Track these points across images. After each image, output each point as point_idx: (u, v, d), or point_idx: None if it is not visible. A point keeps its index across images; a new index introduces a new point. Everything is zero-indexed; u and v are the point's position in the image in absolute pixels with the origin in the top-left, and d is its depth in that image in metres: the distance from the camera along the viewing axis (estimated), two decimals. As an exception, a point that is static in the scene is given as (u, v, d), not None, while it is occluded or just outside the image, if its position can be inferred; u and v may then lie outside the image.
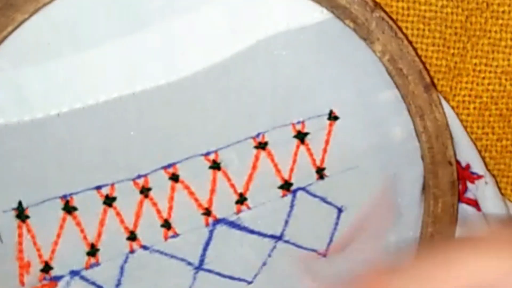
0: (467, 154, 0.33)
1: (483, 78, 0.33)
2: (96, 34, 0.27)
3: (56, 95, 0.27)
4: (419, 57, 0.30)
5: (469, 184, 0.33)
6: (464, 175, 0.33)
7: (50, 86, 0.27)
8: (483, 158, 0.34)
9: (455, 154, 0.32)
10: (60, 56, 0.27)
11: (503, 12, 0.32)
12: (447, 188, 0.32)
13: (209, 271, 0.30)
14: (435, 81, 0.33)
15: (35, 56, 0.27)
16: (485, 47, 0.33)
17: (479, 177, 0.33)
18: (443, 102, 0.32)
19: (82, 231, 0.28)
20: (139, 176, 0.29)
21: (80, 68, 0.27)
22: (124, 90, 0.28)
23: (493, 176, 0.34)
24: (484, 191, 0.33)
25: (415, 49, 0.31)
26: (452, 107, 0.33)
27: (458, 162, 0.33)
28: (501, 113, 0.34)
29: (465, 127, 0.34)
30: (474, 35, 0.32)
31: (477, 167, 0.33)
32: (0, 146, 0.27)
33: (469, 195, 0.33)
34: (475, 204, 0.33)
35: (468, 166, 0.33)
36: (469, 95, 0.34)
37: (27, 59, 0.27)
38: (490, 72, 0.33)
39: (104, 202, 0.29)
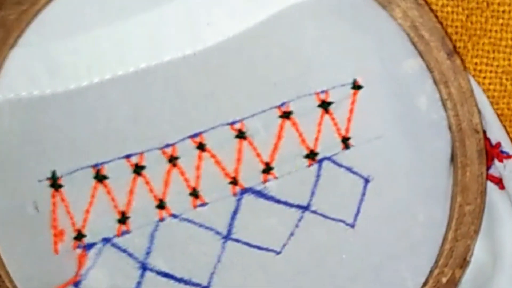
0: (497, 133, 0.33)
1: (484, 77, 0.33)
2: (123, 7, 0.28)
3: (87, 67, 0.29)
4: (441, 23, 0.31)
5: (496, 162, 0.33)
6: (493, 152, 0.33)
7: (81, 58, 0.29)
8: None
9: (485, 132, 0.32)
10: (90, 29, 0.28)
11: (504, 11, 0.33)
12: (474, 156, 0.32)
13: (237, 240, 0.31)
14: None
15: (66, 30, 0.28)
16: (486, 47, 0.33)
17: (509, 156, 0.33)
18: (471, 78, 0.32)
19: (112, 199, 0.29)
20: (167, 145, 0.30)
21: (109, 40, 0.29)
22: (152, 60, 0.29)
23: None
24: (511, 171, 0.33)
25: (436, 16, 0.31)
26: None
27: (488, 140, 0.33)
28: (502, 113, 0.34)
29: None
30: (475, 34, 0.33)
31: (507, 146, 0.33)
32: (35, 117, 0.29)
33: (493, 172, 0.33)
34: (498, 181, 0.33)
35: (498, 145, 0.33)
36: None
37: (59, 32, 0.28)
38: (491, 71, 0.33)
39: (134, 171, 0.30)
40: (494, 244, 0.33)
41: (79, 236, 0.29)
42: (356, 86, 0.31)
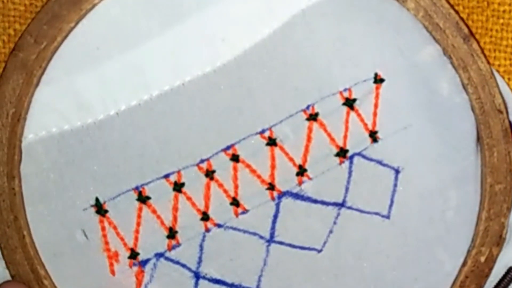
0: None
1: None
2: (139, 32, 0.30)
3: (113, 95, 0.30)
4: (454, 8, 0.32)
5: None
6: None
7: (105, 88, 0.30)
8: None
9: (504, 103, 0.33)
10: (110, 58, 0.30)
11: (504, 11, 0.34)
12: (500, 136, 0.33)
13: (281, 243, 0.32)
14: None
15: (87, 62, 0.30)
16: (487, 46, 0.34)
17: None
18: (494, 71, 0.33)
19: (158, 217, 0.31)
20: (202, 161, 0.31)
21: (130, 67, 0.30)
22: (174, 82, 0.30)
23: None
24: None
25: (448, 2, 0.32)
26: None
27: (510, 123, 0.33)
28: None
29: None
30: (476, 33, 0.33)
31: None
32: (69, 150, 0.30)
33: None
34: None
35: None
36: None
37: (80, 65, 0.30)
38: None
39: (174, 189, 0.31)
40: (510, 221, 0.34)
41: (133, 254, 0.31)
42: (378, 80, 0.32)
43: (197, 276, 0.31)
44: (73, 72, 0.30)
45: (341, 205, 0.33)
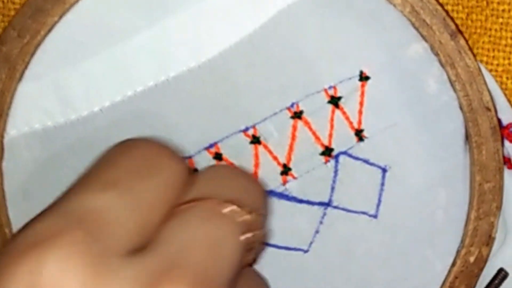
0: (508, 113, 0.33)
1: None
2: (124, 28, 0.30)
3: (97, 92, 0.30)
4: (441, 5, 0.32)
5: (506, 142, 0.34)
6: (504, 133, 0.34)
7: (89, 84, 0.30)
8: None
9: (492, 100, 0.33)
10: (94, 54, 0.30)
11: (503, 10, 0.34)
12: (488, 134, 0.33)
13: (265, 244, 0.32)
14: None
15: (70, 57, 0.29)
16: (486, 45, 0.34)
17: (520, 136, 0.34)
18: (482, 68, 0.33)
19: None
20: (184, 159, 0.31)
21: (115, 62, 0.30)
22: (159, 77, 0.30)
23: None
24: None
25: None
26: None
27: (499, 120, 0.33)
28: None
29: None
30: (475, 33, 0.33)
31: None
32: (52, 147, 0.30)
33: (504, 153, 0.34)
34: (507, 161, 0.34)
35: (510, 125, 0.34)
36: None
37: (63, 60, 0.29)
38: (491, 70, 0.35)
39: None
40: (506, 222, 0.34)
41: None
42: (364, 78, 0.32)
43: None
44: (57, 68, 0.30)
45: (327, 204, 0.32)
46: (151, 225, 0.23)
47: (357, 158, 0.32)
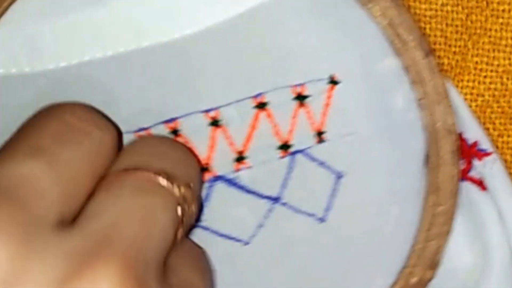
0: (474, 131, 0.34)
1: (485, 77, 0.34)
2: None
3: (66, 48, 0.30)
4: (418, 24, 0.32)
5: (475, 162, 0.34)
6: (471, 152, 0.34)
7: (60, 39, 0.30)
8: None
9: (461, 133, 0.33)
10: (70, 12, 0.30)
11: (503, 11, 0.34)
12: (448, 157, 0.33)
13: (206, 228, 0.32)
14: None
15: (47, 11, 0.30)
16: (486, 46, 0.34)
17: (488, 154, 0.34)
18: (446, 79, 0.33)
19: None
20: (140, 129, 0.31)
21: (89, 23, 0.30)
22: (130, 45, 0.30)
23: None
24: (492, 168, 0.34)
25: (415, 18, 0.32)
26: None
27: (464, 140, 0.34)
28: (503, 111, 0.35)
29: None
30: (475, 33, 0.34)
31: (486, 144, 0.34)
32: (11, 94, 0.30)
33: (473, 174, 0.34)
34: (479, 183, 0.34)
35: (476, 143, 0.34)
36: (471, 93, 0.35)
37: (40, 13, 0.30)
38: (491, 71, 0.34)
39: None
40: (482, 248, 0.34)
41: None
42: (333, 81, 0.32)
43: None
44: (32, 18, 0.30)
45: (276, 200, 0.32)
46: (80, 195, 0.22)
47: (313, 159, 0.32)
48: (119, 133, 0.25)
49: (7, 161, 0.22)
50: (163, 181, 0.24)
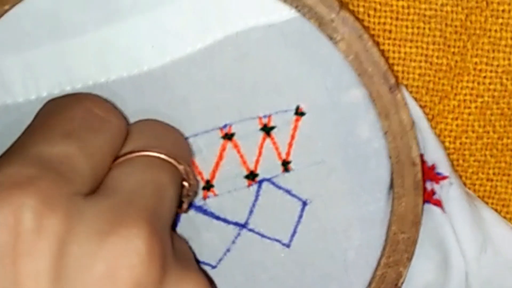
0: (433, 154, 0.35)
1: (484, 77, 0.35)
2: (74, 25, 0.31)
3: (35, 81, 0.31)
4: (386, 58, 0.33)
5: (434, 185, 0.35)
6: (429, 175, 0.35)
7: (29, 72, 0.31)
8: (484, 156, 0.35)
9: (422, 155, 0.34)
10: (39, 46, 0.31)
11: (503, 11, 0.34)
12: (411, 188, 0.34)
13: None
14: (436, 79, 0.35)
15: (15, 44, 0.31)
16: (485, 46, 0.34)
17: (444, 177, 0.35)
18: (413, 102, 0.34)
19: None
20: None
21: (58, 57, 0.31)
22: (99, 78, 0.31)
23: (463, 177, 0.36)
24: (448, 191, 0.35)
25: (382, 51, 0.33)
26: (454, 106, 0.35)
27: (424, 162, 0.34)
28: (502, 112, 0.35)
29: (467, 126, 0.35)
30: (475, 34, 0.34)
31: (443, 167, 0.35)
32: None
33: (437, 196, 0.35)
34: (441, 205, 0.35)
35: (433, 167, 0.35)
36: (471, 94, 0.35)
37: (8, 47, 0.31)
38: (491, 71, 0.35)
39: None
40: (442, 266, 0.35)
41: None
42: (299, 113, 0.33)
43: None
44: (1, 53, 0.31)
45: (243, 226, 0.34)
46: (102, 172, 0.27)
47: (279, 187, 0.34)
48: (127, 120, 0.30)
49: (46, 142, 0.26)
50: (169, 159, 0.27)
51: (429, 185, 0.35)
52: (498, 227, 0.35)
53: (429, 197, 0.35)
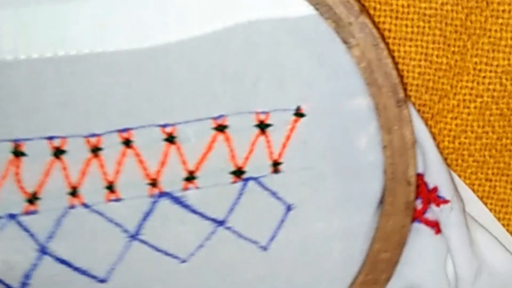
0: (437, 176, 0.34)
1: (484, 77, 0.34)
2: None
3: (27, 40, 0.29)
4: (399, 71, 0.31)
5: (433, 207, 0.34)
6: (430, 197, 0.34)
7: (22, 30, 0.29)
8: (483, 156, 0.35)
9: (420, 176, 0.33)
10: (38, 4, 0.28)
11: (503, 11, 0.33)
12: (402, 207, 0.33)
13: (144, 242, 0.32)
14: (436, 78, 0.34)
15: (11, 1, 0.28)
16: (485, 46, 0.34)
17: (445, 201, 0.34)
18: (420, 121, 0.33)
19: (24, 178, 0.30)
20: (92, 135, 0.30)
21: (56, 19, 0.29)
22: (96, 47, 0.29)
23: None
24: (448, 216, 0.34)
25: (396, 63, 0.31)
26: (453, 106, 0.34)
27: (425, 183, 0.34)
28: (501, 113, 0.35)
29: (466, 126, 0.34)
30: (474, 34, 0.33)
31: (445, 191, 0.34)
32: None
33: (429, 216, 0.34)
34: (433, 225, 0.34)
35: (435, 189, 0.34)
36: (470, 94, 0.35)
37: (4, 2, 0.28)
38: (490, 71, 0.34)
39: (53, 154, 0.30)
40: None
41: None
42: (299, 114, 0.31)
43: (43, 250, 0.31)
44: None
45: (220, 223, 0.32)
46: None
47: (265, 188, 0.32)
48: None
49: None
50: None
51: (418, 203, 0.34)
52: (493, 250, 0.34)
53: (419, 216, 0.34)
